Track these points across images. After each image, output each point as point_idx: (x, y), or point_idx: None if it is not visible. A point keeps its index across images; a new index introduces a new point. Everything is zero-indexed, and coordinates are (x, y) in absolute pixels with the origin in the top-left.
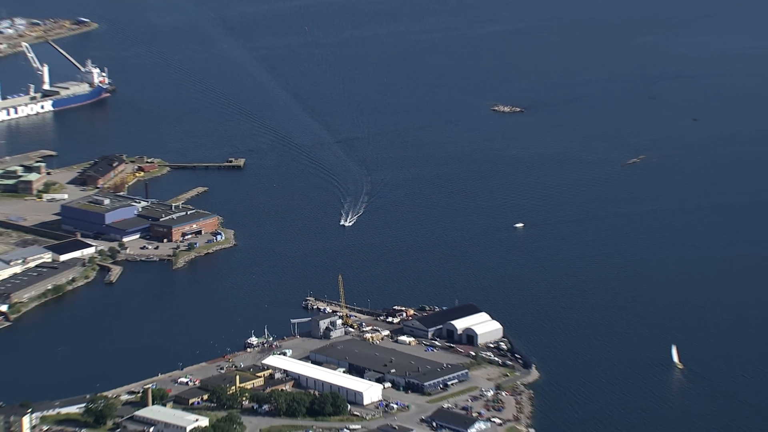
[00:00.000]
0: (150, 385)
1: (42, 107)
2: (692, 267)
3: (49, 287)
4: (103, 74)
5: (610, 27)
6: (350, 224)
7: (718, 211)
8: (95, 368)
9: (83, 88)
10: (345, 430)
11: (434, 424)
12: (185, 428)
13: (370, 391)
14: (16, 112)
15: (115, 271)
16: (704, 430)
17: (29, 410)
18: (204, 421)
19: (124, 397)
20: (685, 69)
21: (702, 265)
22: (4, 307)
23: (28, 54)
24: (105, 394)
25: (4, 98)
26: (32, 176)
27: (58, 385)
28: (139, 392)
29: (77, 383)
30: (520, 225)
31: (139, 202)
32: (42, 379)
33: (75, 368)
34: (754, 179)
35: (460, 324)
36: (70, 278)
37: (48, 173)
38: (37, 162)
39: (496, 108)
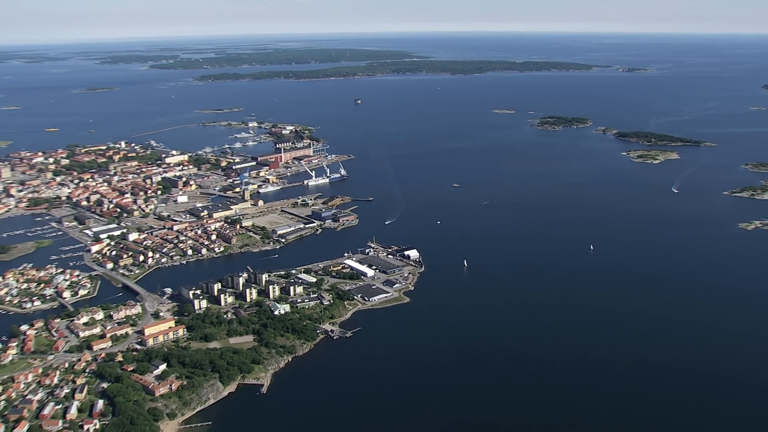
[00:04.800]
0: (306, 267)
1: (327, 181)
2: (489, 225)
3: (298, 234)
4: (344, 171)
5: (494, 161)
6: (389, 223)
7: (510, 217)
8: (293, 256)
9: (338, 175)
10: (358, 283)
11: (383, 283)
12: (309, 282)
13: (370, 273)
14: (318, 182)
15: (320, 231)
16: (481, 289)
17: (267, 272)
18: (313, 280)
19: (302, 270)
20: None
21: (494, 228)
22: (282, 240)
23: (325, 165)
24: (291, 269)
25: (315, 177)
26: (310, 201)
27: (278, 266)
28: (300, 271)
29: (285, 265)
30: (439, 222)
31: (333, 209)
32: (280, 262)
33: (286, 260)
34: (523, 202)
35: (407, 252)
36: (306, 232)
37: (314, 200)
38: (315, 197)
39: (455, 185)
